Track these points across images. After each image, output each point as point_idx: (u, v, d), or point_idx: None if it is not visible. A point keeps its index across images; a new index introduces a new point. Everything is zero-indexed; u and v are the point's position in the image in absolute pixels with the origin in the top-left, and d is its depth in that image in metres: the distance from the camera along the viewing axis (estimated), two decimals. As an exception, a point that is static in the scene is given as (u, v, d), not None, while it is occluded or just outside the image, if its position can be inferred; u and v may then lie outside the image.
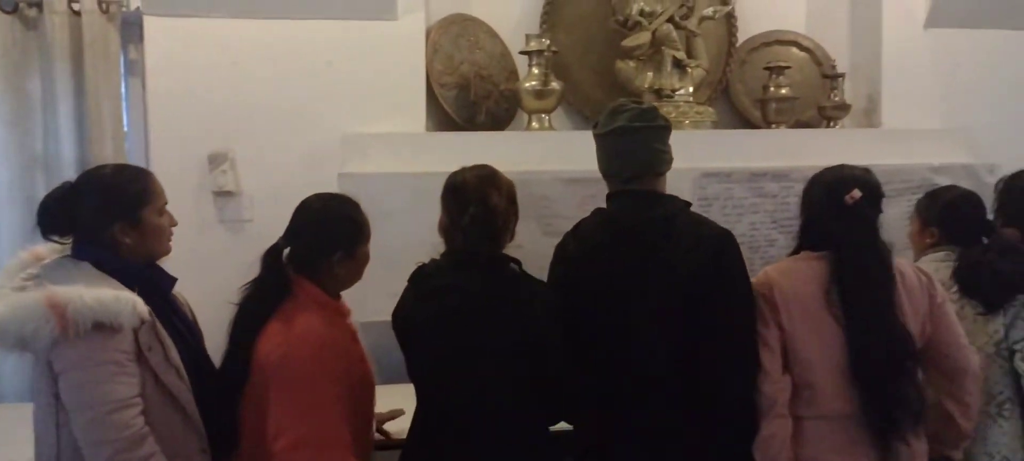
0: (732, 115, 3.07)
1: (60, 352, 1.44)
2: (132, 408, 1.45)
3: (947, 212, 2.04)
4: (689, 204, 1.83)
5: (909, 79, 2.84)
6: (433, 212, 1.82)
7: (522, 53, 2.70)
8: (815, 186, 1.81)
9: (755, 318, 1.70)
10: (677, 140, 2.59)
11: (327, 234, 1.69)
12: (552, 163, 2.49)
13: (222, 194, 2.54)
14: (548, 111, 2.68)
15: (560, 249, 1.87)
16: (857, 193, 1.69)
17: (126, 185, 1.59)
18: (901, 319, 1.66)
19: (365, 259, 1.76)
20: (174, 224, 1.68)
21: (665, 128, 1.83)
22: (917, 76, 2.85)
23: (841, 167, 1.81)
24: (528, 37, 2.67)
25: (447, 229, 1.75)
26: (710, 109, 2.80)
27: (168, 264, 1.68)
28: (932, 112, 2.84)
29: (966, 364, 1.73)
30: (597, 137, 1.85)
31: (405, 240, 1.95)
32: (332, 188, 1.96)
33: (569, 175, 2.43)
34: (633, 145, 1.78)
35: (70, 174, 2.56)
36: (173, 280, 1.67)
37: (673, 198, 1.81)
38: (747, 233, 2.57)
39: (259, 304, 1.64)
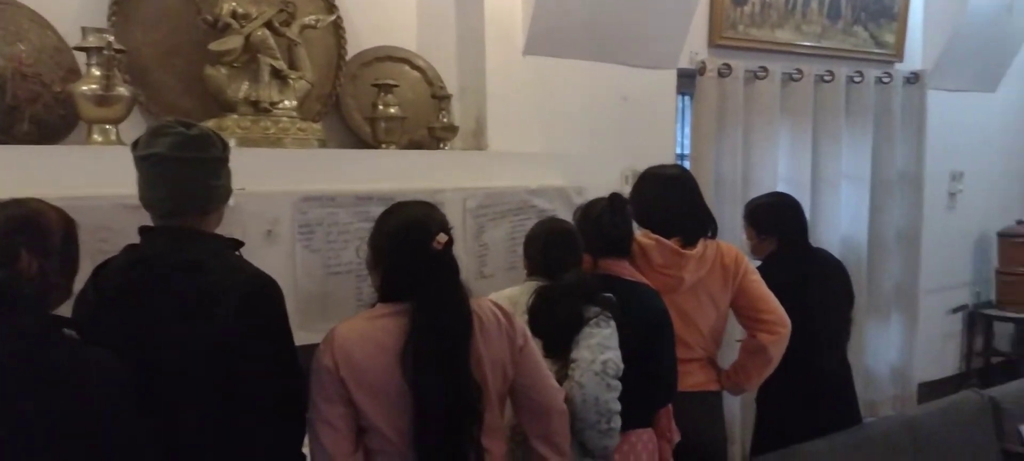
0: (346, 133, 2.89)
1: None
2: None
3: (530, 245, 2.06)
4: (238, 244, 1.58)
5: (511, 104, 2.94)
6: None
7: (77, 49, 2.20)
8: (384, 230, 1.67)
9: (299, 385, 1.51)
10: (276, 160, 2.37)
11: None
12: (117, 185, 2.04)
13: None
14: (115, 121, 2.21)
15: (79, 297, 1.50)
16: (443, 237, 1.58)
17: None
18: (473, 370, 1.58)
19: None
20: None
21: (220, 159, 1.56)
22: (518, 101, 2.96)
23: (407, 204, 1.69)
24: (85, 30, 2.18)
25: None
26: (316, 126, 2.59)
27: None
28: (531, 136, 2.98)
29: (551, 403, 1.71)
30: (135, 160, 1.52)
31: None
32: None
33: (135, 200, 2.02)
34: (175, 176, 1.48)
35: None
36: None
37: (215, 238, 1.55)
38: (354, 261, 2.40)
39: None
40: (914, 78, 4.21)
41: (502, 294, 2.01)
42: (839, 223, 3.98)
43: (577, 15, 2.99)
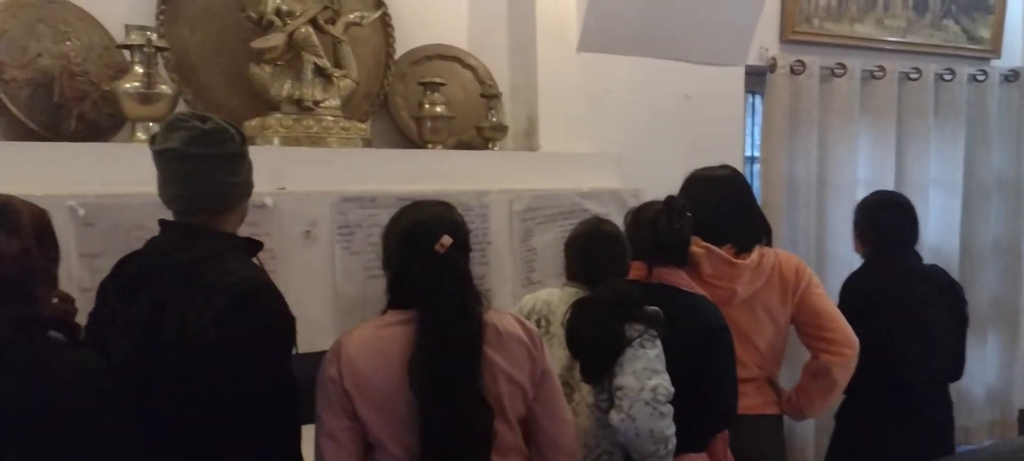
0: (394, 132, 2.82)
1: None
2: None
3: (569, 248, 1.92)
4: (255, 246, 1.51)
5: (563, 102, 2.81)
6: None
7: (120, 47, 2.20)
8: (394, 231, 1.57)
9: (284, 401, 1.41)
10: (316, 159, 2.31)
11: None
12: (151, 183, 2.03)
13: None
14: (158, 119, 2.20)
15: (100, 288, 1.48)
16: (447, 239, 1.47)
17: None
18: (489, 385, 1.46)
19: None
20: None
21: (238, 155, 1.49)
22: (571, 99, 2.83)
23: (418, 205, 1.58)
24: (128, 28, 2.18)
25: None
26: (361, 125, 2.52)
27: None
28: (584, 136, 2.84)
29: (560, 439, 1.57)
30: (152, 155, 1.47)
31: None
32: None
33: (169, 199, 2.00)
34: (188, 173, 1.43)
35: None
36: None
37: (222, 237, 1.49)
38: (395, 263, 2.32)
39: None
40: (1013, 75, 3.86)
41: (538, 296, 1.88)
42: (927, 232, 3.67)
43: (635, 9, 2.82)
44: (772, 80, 3.32)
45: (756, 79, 3.38)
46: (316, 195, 2.21)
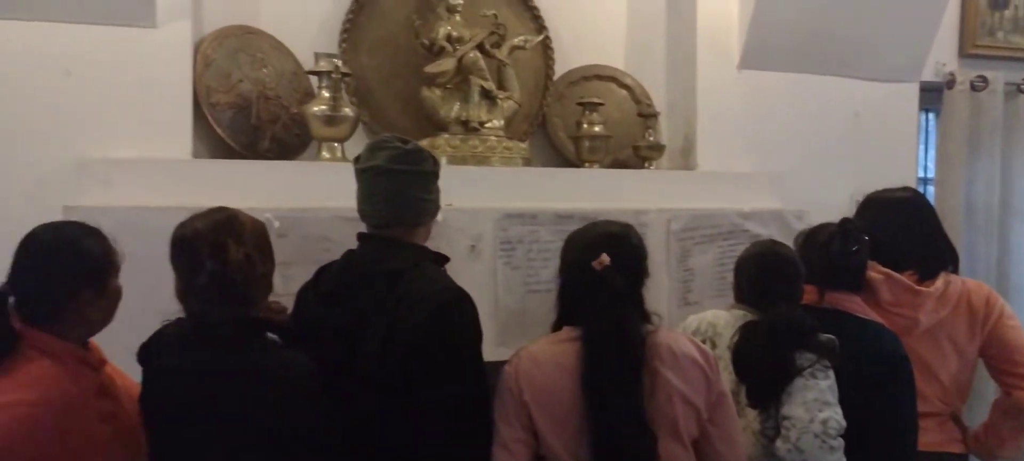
0: (550, 152, 2.89)
1: None
2: None
3: (740, 269, 1.88)
4: (442, 259, 1.60)
5: (722, 120, 2.77)
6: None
7: (309, 73, 2.40)
8: (569, 247, 1.61)
9: (480, 404, 1.48)
10: (481, 178, 2.41)
11: (64, 272, 1.39)
12: (336, 198, 2.19)
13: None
14: (341, 139, 2.39)
15: (300, 294, 1.62)
16: (606, 258, 1.49)
17: None
18: (662, 404, 1.46)
19: (117, 295, 1.47)
20: None
21: (431, 174, 1.61)
22: (730, 117, 2.78)
23: (595, 224, 1.62)
24: (317, 56, 2.38)
25: (182, 293, 1.45)
26: (522, 145, 2.61)
27: None
28: (744, 155, 2.78)
29: None
30: (355, 172, 1.61)
31: (150, 291, 1.52)
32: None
33: (352, 213, 2.15)
34: (388, 188, 1.56)
35: None
36: None
37: (418, 249, 1.59)
38: (553, 279, 2.37)
39: None
40: None
41: (704, 317, 1.86)
42: None
43: (800, 25, 2.75)
44: (950, 97, 3.12)
45: (932, 96, 3.18)
46: (481, 212, 2.31)
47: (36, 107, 2.12)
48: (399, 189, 1.57)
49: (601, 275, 1.49)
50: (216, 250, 1.38)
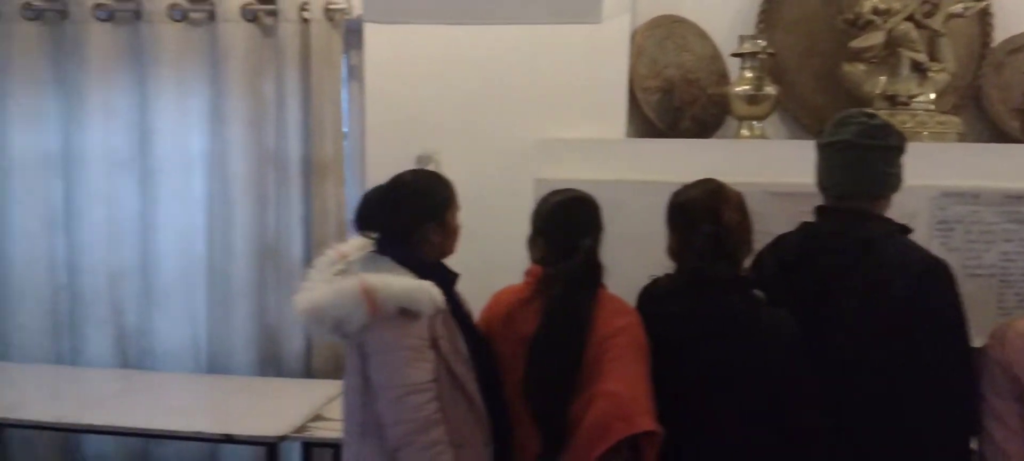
0: (984, 126, 2.65)
1: (370, 335, 1.53)
2: (426, 393, 1.50)
3: None
4: (906, 229, 1.60)
5: None
6: (628, 223, 1.73)
7: (734, 55, 2.52)
8: None
9: (966, 364, 1.45)
10: (913, 153, 2.30)
11: (581, 222, 1.68)
12: (762, 175, 2.27)
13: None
14: (760, 118, 2.47)
15: (756, 262, 1.74)
16: None
17: (436, 190, 1.68)
18: None
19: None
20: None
21: (896, 149, 1.63)
22: None
23: None
24: (741, 38, 2.49)
25: (677, 251, 1.68)
26: (956, 119, 2.44)
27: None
28: None
29: None
30: (818, 147, 1.69)
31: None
32: (527, 192, 2.02)
33: (780, 189, 2.21)
34: (855, 162, 1.61)
35: (296, 171, 2.81)
36: (456, 276, 1.71)
37: (884, 220, 1.62)
38: (998, 264, 2.20)
39: (586, 292, 1.63)
40: None
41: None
42: None
43: None
44: None
45: None
46: (914, 189, 2.19)
47: (507, 96, 2.55)
48: (867, 163, 1.61)
49: None
50: (711, 214, 1.57)
